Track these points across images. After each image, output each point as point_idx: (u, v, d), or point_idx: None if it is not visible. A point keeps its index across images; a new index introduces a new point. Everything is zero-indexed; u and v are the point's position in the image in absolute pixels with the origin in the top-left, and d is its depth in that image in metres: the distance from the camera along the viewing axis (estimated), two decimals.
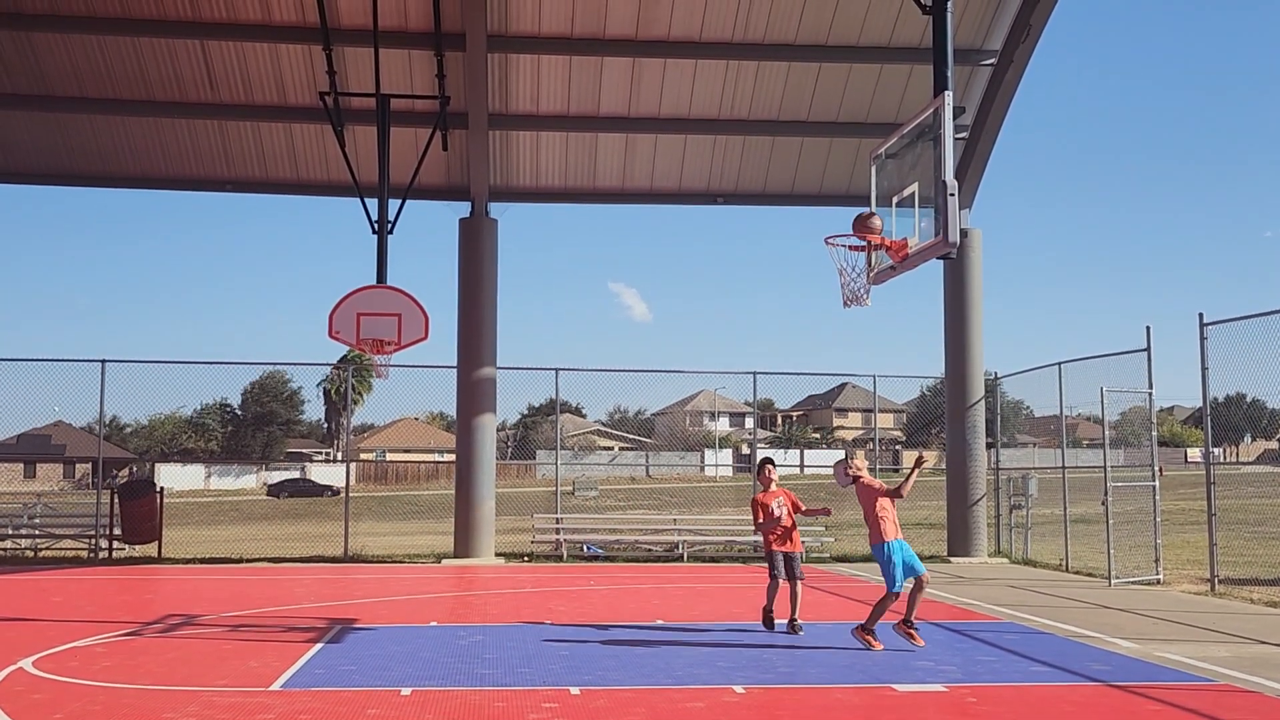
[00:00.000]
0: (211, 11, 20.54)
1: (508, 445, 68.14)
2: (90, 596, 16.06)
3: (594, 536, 23.02)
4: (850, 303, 12.08)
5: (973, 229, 22.75)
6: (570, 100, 22.11)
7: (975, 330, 22.75)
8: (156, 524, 22.07)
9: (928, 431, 75.93)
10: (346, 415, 46.91)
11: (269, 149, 22.77)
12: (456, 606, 15.17)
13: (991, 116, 22.21)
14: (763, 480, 12.59)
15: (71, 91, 21.65)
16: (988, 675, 9.94)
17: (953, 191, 10.32)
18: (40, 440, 63.41)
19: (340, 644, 11.57)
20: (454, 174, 22.80)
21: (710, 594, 16.53)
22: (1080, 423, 40.95)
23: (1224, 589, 16.23)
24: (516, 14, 20.72)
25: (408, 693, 9.14)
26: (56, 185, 24.18)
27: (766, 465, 12.66)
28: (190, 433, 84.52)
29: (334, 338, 18.86)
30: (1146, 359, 17.97)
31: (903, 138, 11.65)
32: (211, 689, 9.23)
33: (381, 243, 19.60)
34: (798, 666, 10.36)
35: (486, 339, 22.04)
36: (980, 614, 14.12)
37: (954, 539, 22.53)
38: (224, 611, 14.19)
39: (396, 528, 31.82)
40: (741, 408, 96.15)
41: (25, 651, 10.88)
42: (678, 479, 66.90)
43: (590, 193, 23.80)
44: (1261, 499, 33.57)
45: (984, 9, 21.31)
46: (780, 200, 24.26)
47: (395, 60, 20.85)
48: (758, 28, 21.14)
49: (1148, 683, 9.56)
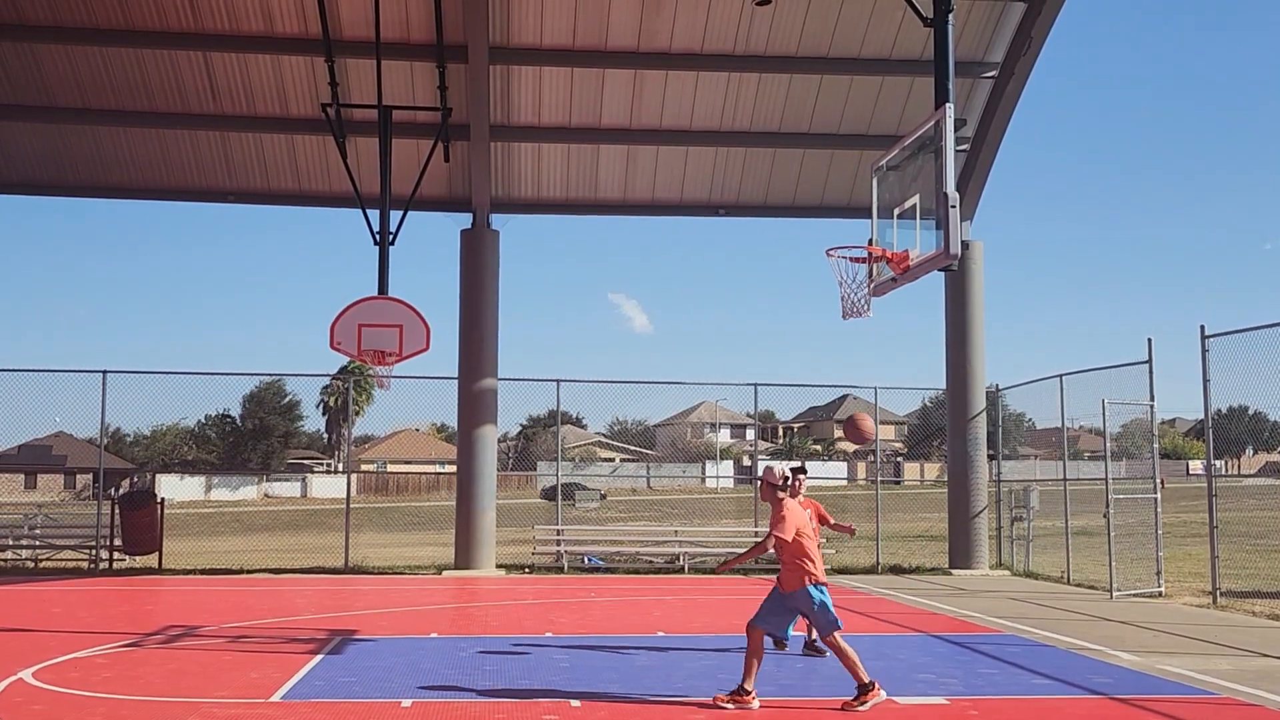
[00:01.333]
0: (214, 23, 20.59)
1: (509, 456, 68.10)
2: (90, 607, 16.03)
3: (595, 548, 22.99)
4: (850, 315, 12.08)
5: (974, 241, 22.75)
6: (572, 112, 22.14)
7: (977, 342, 22.74)
8: (157, 535, 22.06)
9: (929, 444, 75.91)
10: (347, 426, 46.90)
11: (271, 160, 22.81)
12: (457, 618, 15.15)
13: (993, 129, 22.24)
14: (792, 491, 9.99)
15: (74, 102, 21.68)
16: (989, 688, 9.92)
17: (954, 203, 10.32)
18: (41, 451, 63.34)
19: (341, 655, 11.55)
20: (455, 185, 22.83)
21: (711, 606, 16.50)
22: (1082, 435, 40.91)
23: (1226, 602, 16.20)
24: (518, 26, 20.76)
25: (408, 704, 9.12)
26: (58, 196, 24.21)
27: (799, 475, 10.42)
28: (191, 444, 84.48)
29: (335, 349, 18.87)
30: (1148, 371, 17.97)
31: (904, 149, 11.66)
32: (212, 700, 9.21)
33: (383, 254, 19.62)
34: (799, 679, 10.34)
35: (488, 350, 22.04)
36: (982, 626, 14.09)
37: (955, 551, 22.50)
38: (224, 623, 14.17)
39: (397, 539, 31.78)
40: (743, 419, 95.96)
41: (25, 662, 10.86)
42: (679, 490, 66.86)
43: (592, 204, 23.83)
44: (1264, 511, 33.53)
45: (985, 21, 21.35)
46: (782, 212, 24.28)
47: (397, 72, 20.89)
48: (759, 40, 21.18)
49: (1149, 695, 9.54)
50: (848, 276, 12.03)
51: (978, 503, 22.38)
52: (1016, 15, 21.11)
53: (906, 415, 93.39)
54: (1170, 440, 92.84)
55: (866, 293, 11.91)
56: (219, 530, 38.16)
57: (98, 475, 23.75)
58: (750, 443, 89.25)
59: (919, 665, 10.98)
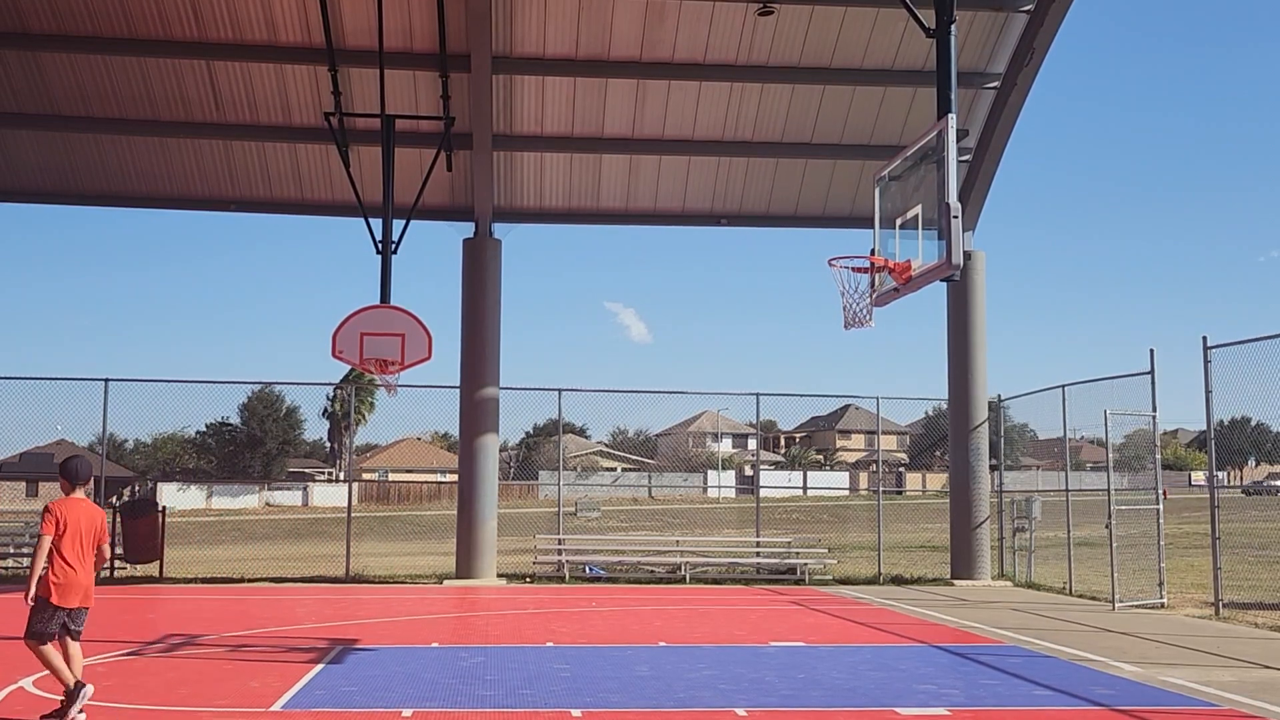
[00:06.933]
0: (217, 32, 20.63)
1: (510, 466, 68.05)
2: (91, 616, 15.95)
3: (596, 558, 22.96)
4: (853, 324, 12.07)
5: (976, 251, 22.76)
6: (575, 121, 22.17)
7: (979, 352, 22.74)
8: (158, 543, 22.04)
9: (931, 454, 75.88)
10: (349, 435, 46.89)
11: (274, 169, 22.84)
12: (458, 627, 15.13)
13: (995, 139, 22.26)
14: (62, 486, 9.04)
15: (77, 111, 21.73)
16: (991, 699, 9.90)
17: (956, 214, 10.32)
18: (43, 459, 63.26)
19: (341, 665, 11.53)
20: (458, 194, 22.85)
21: (712, 616, 16.47)
22: (1084, 445, 40.88)
23: (1228, 613, 16.18)
24: (521, 36, 20.81)
25: (409, 714, 9.10)
26: (61, 204, 24.28)
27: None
28: (192, 452, 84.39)
29: (337, 357, 18.86)
30: (1150, 382, 17.96)
31: (906, 160, 11.67)
32: (212, 709, 9.20)
33: (385, 262, 19.62)
34: (800, 689, 10.32)
35: (489, 359, 22.05)
36: (983, 637, 14.07)
37: (957, 561, 22.47)
38: (225, 631, 14.15)
39: (398, 548, 31.76)
40: (744, 429, 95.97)
41: (26, 671, 10.84)
42: (680, 500, 66.82)
43: (594, 213, 23.85)
44: (1266, 523, 33.49)
45: (987, 33, 21.38)
46: (784, 222, 24.29)
47: (400, 81, 20.93)
48: (762, 50, 21.21)
49: (1151, 707, 9.52)
50: (850, 286, 12.03)
51: (980, 513, 22.36)
52: (1019, 27, 21.15)
53: (909, 425, 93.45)
54: (1172, 451, 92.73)
55: (869, 303, 11.91)
56: (220, 539, 38.14)
57: (99, 483, 23.71)
58: (752, 452, 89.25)
59: (920, 676, 10.96)
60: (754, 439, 70.55)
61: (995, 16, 21.06)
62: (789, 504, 61.90)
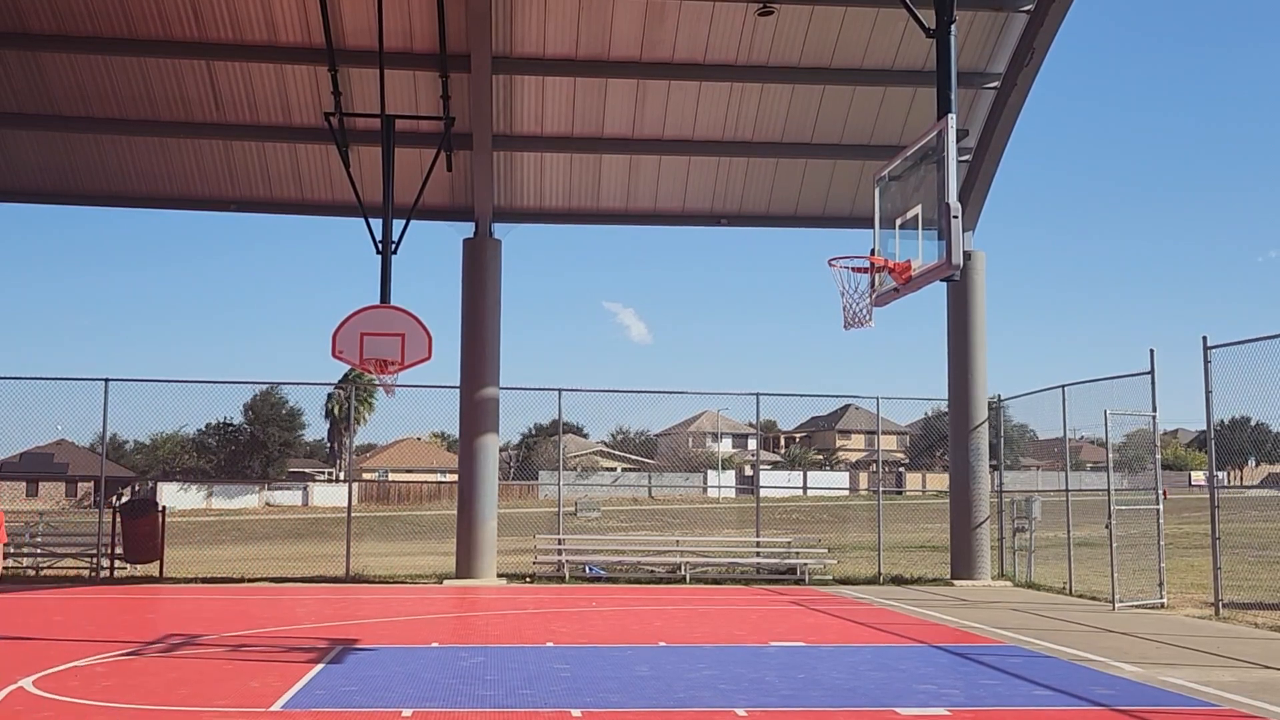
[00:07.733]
0: (217, 32, 20.63)
1: (510, 466, 68.04)
2: (91, 616, 16.02)
3: (596, 558, 22.96)
4: (852, 324, 12.08)
5: (976, 251, 22.76)
6: (575, 121, 22.17)
7: (979, 353, 22.73)
8: (158, 543, 22.04)
9: (931, 454, 75.86)
10: (349, 435, 46.90)
11: (274, 169, 22.84)
12: (458, 627, 15.13)
13: (995, 139, 22.26)
14: None
15: (77, 111, 21.73)
16: (991, 699, 9.90)
17: (956, 214, 10.33)
18: (43, 459, 63.39)
19: (341, 664, 11.53)
20: (458, 194, 22.85)
21: (712, 616, 16.48)
22: (1084, 445, 40.88)
23: (1228, 613, 16.18)
24: (521, 36, 20.81)
25: (409, 714, 9.10)
26: (61, 204, 24.28)
27: None
28: (192, 452, 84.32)
29: (337, 357, 18.86)
30: (1150, 382, 17.96)
31: (906, 160, 11.67)
32: (212, 709, 9.20)
33: (385, 263, 19.62)
34: (800, 690, 10.31)
35: (489, 359, 22.05)
36: (983, 637, 14.07)
37: (957, 561, 22.46)
38: (225, 631, 14.15)
39: (398, 548, 31.76)
40: (744, 429, 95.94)
41: (26, 670, 10.84)
42: (680, 500, 66.83)
43: (594, 213, 23.85)
44: (1266, 523, 33.48)
45: (987, 33, 21.37)
46: (784, 222, 24.28)
47: (400, 81, 20.93)
48: (762, 50, 21.21)
49: (1151, 707, 9.52)
50: (850, 286, 12.04)
51: (980, 513, 22.36)
52: (1019, 27, 21.14)
53: (909, 425, 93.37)
54: (1173, 451, 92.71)
55: (869, 303, 11.92)
56: (220, 539, 38.16)
57: (99, 483, 23.76)
58: (752, 452, 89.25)
59: (920, 676, 10.96)
60: (754, 439, 70.57)
61: (995, 16, 21.05)
62: (789, 504, 61.93)
